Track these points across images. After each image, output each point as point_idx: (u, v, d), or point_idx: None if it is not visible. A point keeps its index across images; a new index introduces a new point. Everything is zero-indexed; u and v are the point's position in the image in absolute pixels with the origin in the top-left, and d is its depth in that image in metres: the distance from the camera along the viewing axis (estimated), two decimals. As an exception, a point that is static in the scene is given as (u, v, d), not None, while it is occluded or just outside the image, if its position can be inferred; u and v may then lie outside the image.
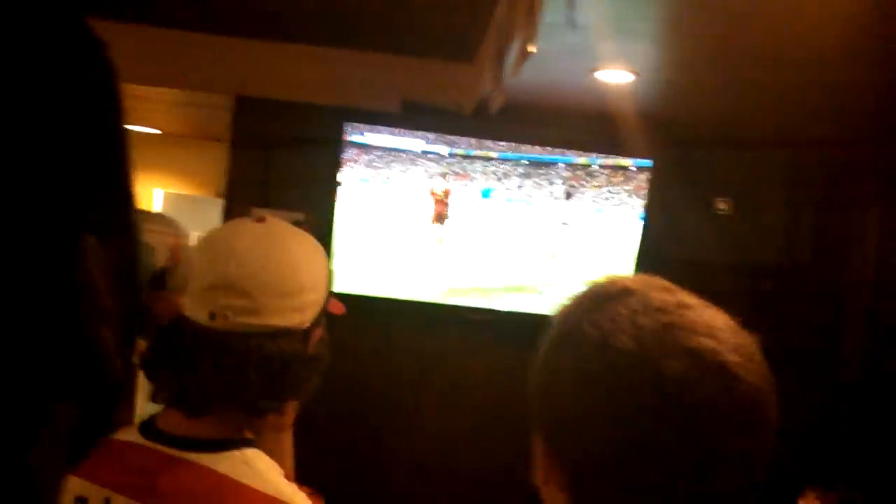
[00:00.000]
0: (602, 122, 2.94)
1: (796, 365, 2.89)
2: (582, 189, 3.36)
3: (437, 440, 3.24)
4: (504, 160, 3.36)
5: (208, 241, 1.17)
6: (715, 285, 0.88)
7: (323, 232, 2.98)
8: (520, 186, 3.38)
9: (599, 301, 0.80)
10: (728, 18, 1.89)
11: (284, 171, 3.24)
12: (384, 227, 3.25)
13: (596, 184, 3.34)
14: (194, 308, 1.10)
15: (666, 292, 0.79)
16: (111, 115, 0.49)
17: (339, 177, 3.13)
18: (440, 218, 3.23)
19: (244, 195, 3.23)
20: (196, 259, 1.16)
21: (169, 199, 5.53)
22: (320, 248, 1.21)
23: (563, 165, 3.37)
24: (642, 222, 3.21)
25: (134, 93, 3.37)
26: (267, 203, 3.12)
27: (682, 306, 0.78)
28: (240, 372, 1.07)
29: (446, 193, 3.23)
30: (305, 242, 1.20)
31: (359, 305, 1.27)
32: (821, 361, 3.10)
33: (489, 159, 3.35)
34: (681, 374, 0.72)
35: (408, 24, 2.89)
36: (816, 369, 3.05)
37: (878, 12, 1.78)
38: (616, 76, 2.40)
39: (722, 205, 3.31)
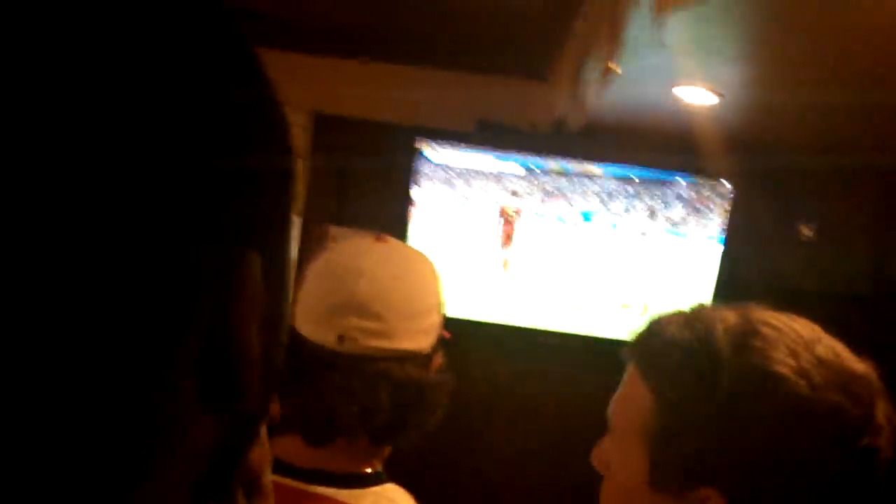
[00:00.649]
0: (683, 142, 2.87)
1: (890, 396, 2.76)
2: (708, 212, 3.06)
3: (508, 465, 3.18)
4: (610, 178, 3.05)
5: (330, 262, 1.13)
6: (800, 314, 0.84)
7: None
8: (627, 210, 3.08)
9: (762, 339, 0.80)
10: (815, 37, 1.83)
11: (360, 188, 3.25)
12: (458, 246, 3.22)
13: (726, 206, 3.02)
14: (318, 331, 1.05)
15: (805, 327, 0.83)
16: (281, 147, 0.46)
17: (415, 195, 3.12)
18: (509, 238, 3.19)
19: (320, 213, 3.25)
20: (317, 280, 1.12)
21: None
22: (437, 268, 1.17)
23: (684, 183, 3.03)
24: (722, 247, 3.09)
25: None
26: (342, 221, 3.14)
27: (824, 337, 0.82)
28: (370, 396, 1.02)
29: (517, 212, 3.18)
30: (427, 262, 1.16)
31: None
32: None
33: (591, 176, 3.07)
34: (861, 416, 0.79)
35: (483, 42, 2.88)
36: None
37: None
38: (700, 96, 2.34)
39: (806, 230, 3.19)
